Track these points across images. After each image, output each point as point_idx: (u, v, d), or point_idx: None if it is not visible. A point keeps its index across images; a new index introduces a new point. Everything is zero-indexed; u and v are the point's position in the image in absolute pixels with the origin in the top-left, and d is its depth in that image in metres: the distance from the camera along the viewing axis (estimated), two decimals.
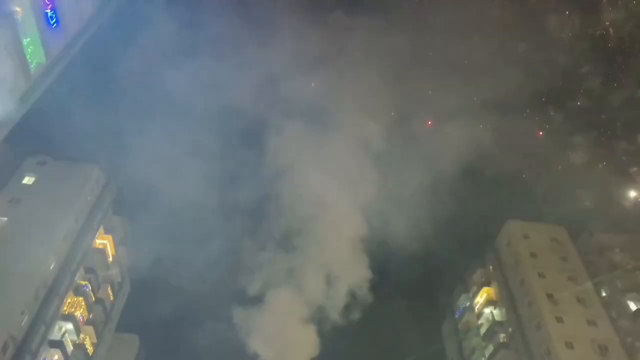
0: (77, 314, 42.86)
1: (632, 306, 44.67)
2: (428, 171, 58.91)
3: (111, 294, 48.94)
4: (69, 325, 41.48)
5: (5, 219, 39.29)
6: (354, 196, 53.95)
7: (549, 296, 45.17)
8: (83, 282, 44.26)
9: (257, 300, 52.06)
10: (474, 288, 54.68)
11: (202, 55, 59.20)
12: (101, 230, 47.18)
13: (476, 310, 53.12)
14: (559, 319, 43.31)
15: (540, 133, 74.76)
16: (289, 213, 53.61)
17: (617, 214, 58.14)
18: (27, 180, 42.59)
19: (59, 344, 39.59)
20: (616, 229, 51.56)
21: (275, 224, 54.67)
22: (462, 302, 55.93)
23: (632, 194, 61.59)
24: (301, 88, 59.92)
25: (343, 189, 53.95)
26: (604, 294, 47.41)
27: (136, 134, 50.96)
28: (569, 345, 41.27)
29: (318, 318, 50.80)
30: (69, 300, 42.14)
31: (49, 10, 47.73)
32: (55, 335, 40.03)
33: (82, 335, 43.06)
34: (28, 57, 46.30)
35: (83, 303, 43.64)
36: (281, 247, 53.44)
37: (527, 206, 63.89)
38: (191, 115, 57.49)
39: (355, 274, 52.48)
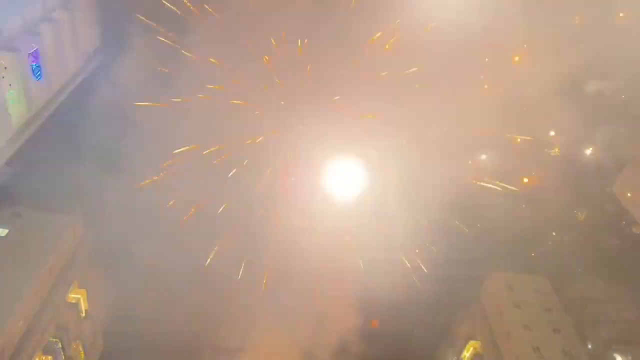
0: None
1: (619, 359, 44.11)
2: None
3: (82, 352, 46.68)
4: None
5: None
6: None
7: (535, 349, 44.45)
8: (53, 340, 42.22)
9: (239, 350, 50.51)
10: (461, 342, 53.61)
11: (183, 111, 60.06)
12: (75, 284, 45.60)
13: None
14: None
15: None
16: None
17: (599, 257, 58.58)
18: (1, 232, 41.35)
19: None
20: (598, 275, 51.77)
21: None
22: (449, 357, 54.62)
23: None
24: None
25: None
26: (589, 346, 46.89)
27: (114, 188, 50.50)
28: None
29: None
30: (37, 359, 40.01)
31: (34, 64, 48.51)
32: None
33: None
34: (9, 109, 46.51)
35: None
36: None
37: (509, 255, 64.06)
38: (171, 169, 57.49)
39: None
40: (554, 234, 68.67)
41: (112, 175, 51.80)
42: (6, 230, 41.30)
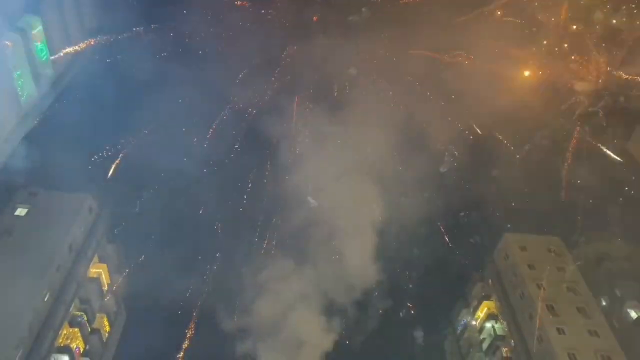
0: (73, 345, 42.19)
1: (633, 314, 44.36)
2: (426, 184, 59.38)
3: (107, 323, 48.32)
4: (65, 358, 40.77)
5: None
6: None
7: (550, 308, 44.87)
8: (78, 313, 43.69)
9: (256, 324, 51.86)
10: (475, 302, 54.24)
11: (195, 83, 60.13)
12: (95, 258, 46.78)
13: (477, 324, 52.62)
14: (560, 331, 42.98)
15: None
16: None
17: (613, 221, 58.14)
18: (20, 211, 42.24)
19: None
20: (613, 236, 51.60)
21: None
22: (463, 317, 55.43)
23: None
24: None
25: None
26: (604, 303, 47.14)
27: (129, 161, 51.18)
28: (572, 357, 40.88)
29: None
30: (64, 332, 41.54)
31: (39, 44, 48.37)
32: None
33: None
34: (19, 89, 46.72)
35: (79, 334, 43.06)
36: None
37: (524, 217, 64.01)
38: (181, 141, 57.98)
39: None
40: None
41: (125, 150, 52.62)
42: (25, 210, 42.22)
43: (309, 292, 52.67)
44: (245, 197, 59.32)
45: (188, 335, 51.56)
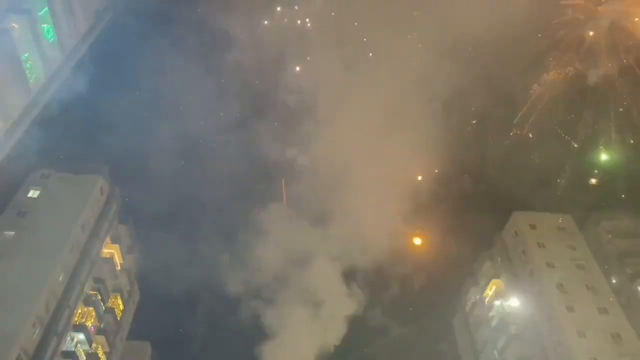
0: (88, 324, 43.04)
1: None
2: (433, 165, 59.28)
3: (121, 302, 49.12)
4: (81, 336, 41.67)
5: (12, 233, 39.49)
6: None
7: (559, 286, 44.81)
8: (92, 292, 44.45)
9: (268, 300, 52.67)
10: (483, 280, 54.34)
11: (196, 65, 60.09)
12: (108, 239, 47.33)
13: (486, 302, 52.82)
14: (569, 309, 42.95)
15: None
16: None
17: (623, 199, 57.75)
18: (33, 193, 42.69)
19: (71, 355, 39.86)
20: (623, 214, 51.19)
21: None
22: (472, 295, 55.64)
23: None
24: None
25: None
26: (614, 281, 47.02)
27: (137, 143, 51.32)
28: (581, 334, 40.91)
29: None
30: (79, 311, 42.34)
31: (45, 25, 48.14)
32: (67, 346, 40.22)
33: (94, 345, 43.25)
34: (27, 72, 46.72)
35: (94, 313, 43.84)
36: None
37: (533, 196, 63.81)
38: (192, 122, 58.11)
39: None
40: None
41: (135, 130, 52.79)
42: (37, 192, 42.66)
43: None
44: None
45: (202, 312, 52.49)
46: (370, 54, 70.21)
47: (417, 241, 63.40)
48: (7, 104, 43.88)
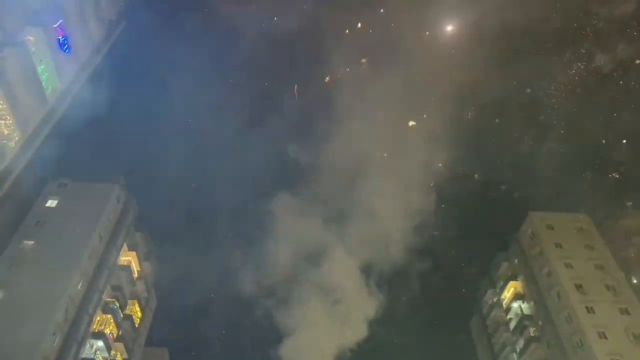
0: (107, 331, 43.54)
1: None
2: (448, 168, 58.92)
3: (138, 309, 49.60)
4: (100, 343, 42.17)
5: (32, 242, 40.15)
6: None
7: (578, 286, 44.04)
8: (111, 300, 44.95)
9: (284, 301, 52.76)
10: (500, 282, 53.73)
11: (210, 73, 60.69)
12: (125, 247, 47.86)
13: (504, 304, 52.23)
14: (589, 309, 42.19)
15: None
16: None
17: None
18: (51, 203, 43.41)
19: None
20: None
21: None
22: (489, 297, 55.06)
23: None
24: None
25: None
26: (634, 281, 46.17)
27: (153, 151, 51.86)
28: (602, 335, 40.15)
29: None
30: (98, 319, 42.85)
31: (60, 37, 48.94)
32: (87, 353, 40.76)
33: (113, 352, 43.73)
34: (44, 83, 47.53)
35: (112, 320, 44.35)
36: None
37: (548, 196, 63.07)
38: (204, 128, 58.46)
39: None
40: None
41: (150, 138, 53.35)
42: (55, 201, 43.33)
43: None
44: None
45: (219, 317, 52.64)
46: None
47: (432, 240, 62.96)
48: (25, 115, 44.69)
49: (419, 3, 65.20)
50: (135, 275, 49.36)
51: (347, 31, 72.01)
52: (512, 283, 51.57)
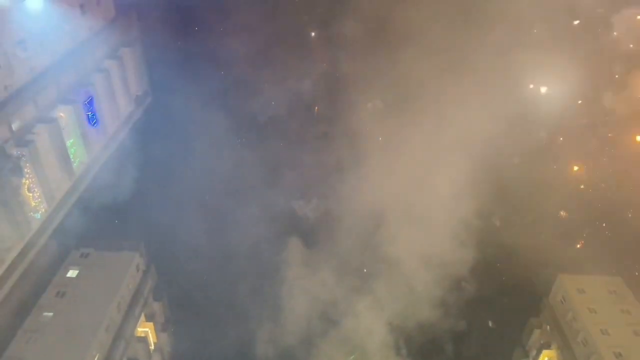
0: None
1: None
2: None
3: None
4: None
5: (51, 314, 40.09)
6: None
7: (617, 355, 41.38)
8: None
9: None
10: (534, 352, 50.79)
11: (232, 146, 62.62)
12: (142, 318, 47.30)
13: None
14: None
15: None
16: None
17: None
18: (72, 273, 43.75)
19: None
20: None
21: None
22: None
23: None
24: None
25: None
26: None
27: (175, 221, 52.64)
28: None
29: None
30: None
31: (90, 113, 51.55)
32: None
33: None
34: (71, 156, 49.50)
35: None
36: None
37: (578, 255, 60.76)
38: (225, 199, 59.43)
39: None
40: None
41: (173, 208, 54.30)
42: (77, 272, 43.71)
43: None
44: None
45: None
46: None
47: (460, 311, 60.37)
48: (53, 187, 46.21)
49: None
50: (152, 347, 48.33)
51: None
52: (545, 352, 48.78)
